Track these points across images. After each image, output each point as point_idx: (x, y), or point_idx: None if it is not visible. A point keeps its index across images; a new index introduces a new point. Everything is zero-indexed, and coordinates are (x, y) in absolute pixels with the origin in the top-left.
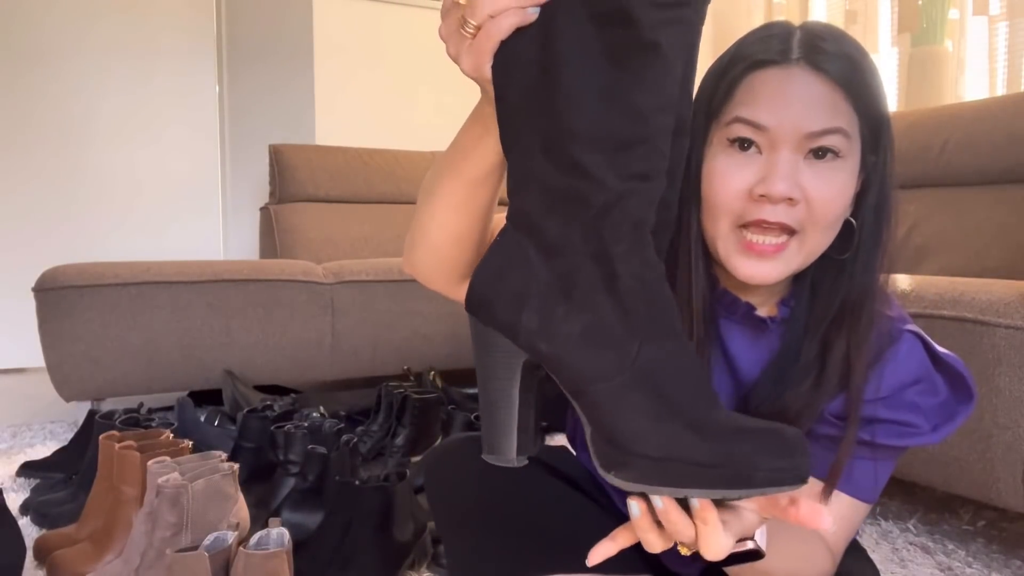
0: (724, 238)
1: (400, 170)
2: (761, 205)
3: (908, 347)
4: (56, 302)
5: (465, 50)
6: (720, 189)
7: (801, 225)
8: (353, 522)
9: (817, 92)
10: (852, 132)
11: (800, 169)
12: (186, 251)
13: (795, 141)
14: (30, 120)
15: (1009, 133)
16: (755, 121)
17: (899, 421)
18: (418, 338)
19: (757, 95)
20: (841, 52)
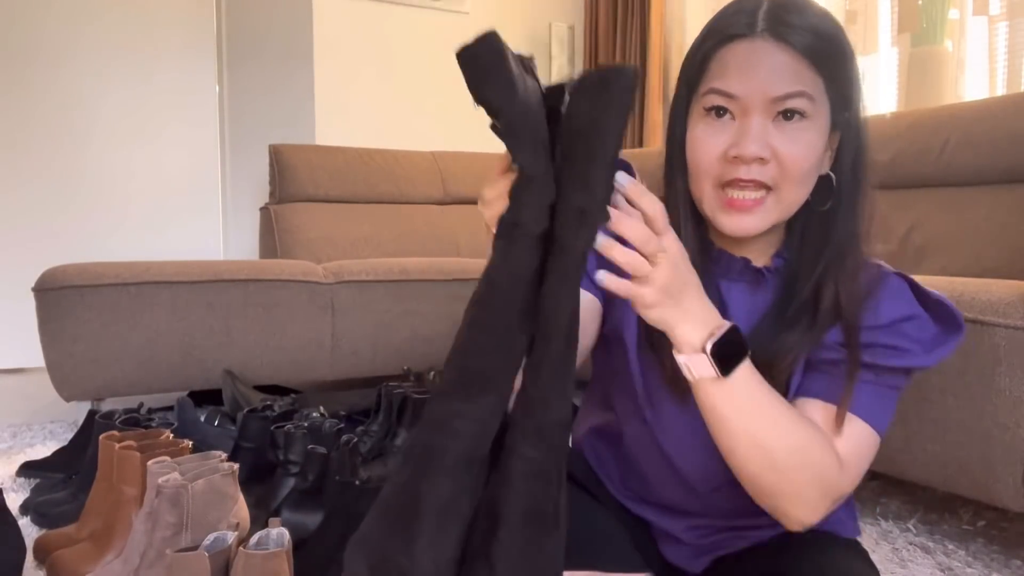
0: (708, 198)
1: (400, 170)
2: (736, 165)
3: (898, 284)
4: (56, 302)
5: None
6: (700, 154)
7: (775, 181)
8: (353, 522)
9: (781, 60)
10: (817, 95)
11: (769, 131)
12: (186, 251)
13: (763, 106)
14: (30, 120)
15: (1009, 133)
16: (726, 90)
17: (896, 346)
18: (418, 338)
19: (727, 67)
20: (805, 24)
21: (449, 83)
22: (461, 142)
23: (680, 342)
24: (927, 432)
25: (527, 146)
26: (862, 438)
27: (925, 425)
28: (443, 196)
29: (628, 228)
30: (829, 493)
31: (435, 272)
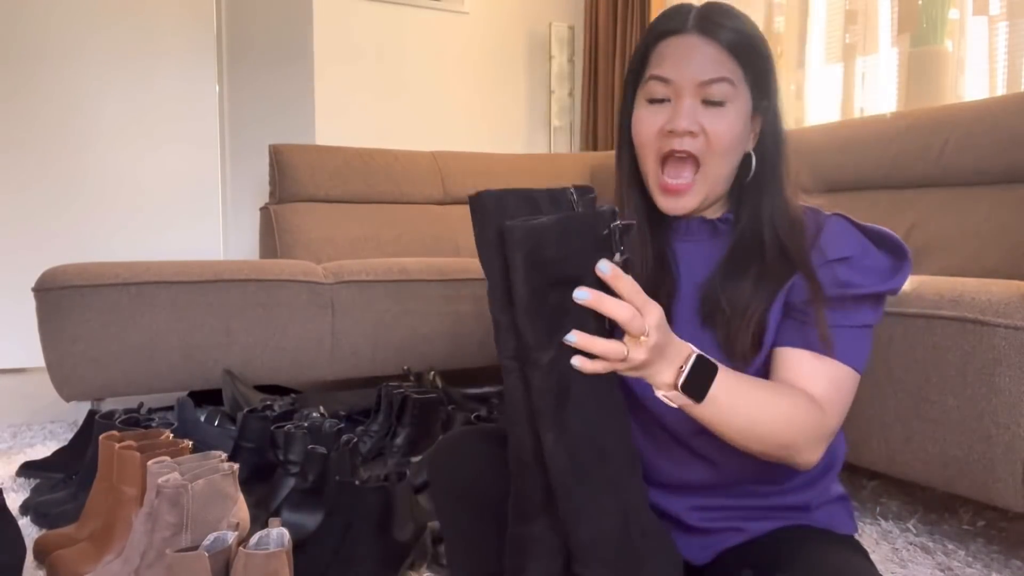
0: (651, 175)
1: (400, 170)
2: (671, 139)
3: (840, 224)
4: (56, 302)
5: None
6: (643, 130)
7: (702, 153)
8: (353, 522)
9: (708, 52)
10: (738, 82)
11: (699, 111)
12: (186, 251)
13: (692, 89)
14: (31, 121)
15: (1009, 133)
16: (663, 76)
17: (853, 280)
18: (418, 338)
19: (664, 57)
20: (729, 24)
21: (449, 83)
22: (461, 142)
23: (655, 384)
24: (927, 432)
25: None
26: (840, 379)
27: (925, 425)
28: (443, 196)
29: (615, 309)
30: (820, 436)
31: (435, 272)
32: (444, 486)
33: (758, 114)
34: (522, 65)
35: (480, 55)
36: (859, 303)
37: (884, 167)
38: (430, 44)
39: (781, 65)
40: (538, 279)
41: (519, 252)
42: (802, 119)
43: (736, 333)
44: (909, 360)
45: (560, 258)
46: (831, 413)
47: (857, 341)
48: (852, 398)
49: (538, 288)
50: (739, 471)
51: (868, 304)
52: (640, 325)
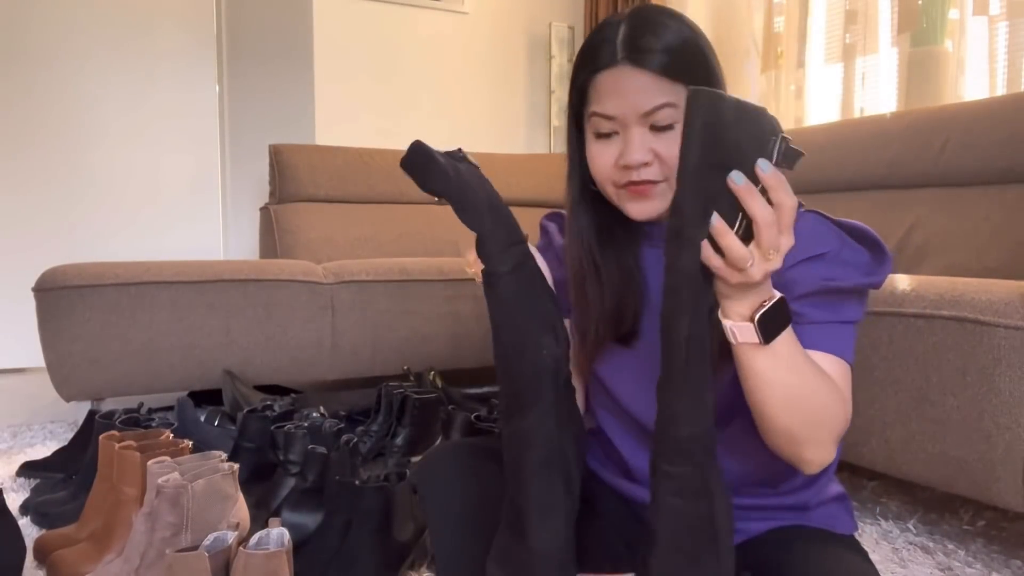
0: (616, 196)
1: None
2: (627, 172)
3: (813, 220)
4: (56, 302)
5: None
6: (598, 167)
7: (664, 175)
8: (353, 522)
9: (643, 82)
10: (680, 101)
11: (648, 138)
12: (186, 251)
13: (636, 120)
14: (30, 121)
15: (1009, 133)
16: (604, 113)
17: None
18: (418, 338)
19: (601, 93)
20: (658, 46)
21: (449, 83)
22: (461, 142)
23: (730, 311)
24: (927, 432)
25: (468, 213)
26: (843, 374)
27: (925, 425)
28: None
29: (758, 208)
30: (837, 433)
31: (435, 272)
32: (431, 502)
33: None
34: (522, 65)
35: (480, 55)
36: (843, 298)
37: (884, 167)
38: (430, 44)
39: (781, 65)
40: (709, 152)
41: (700, 119)
42: (802, 119)
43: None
44: (909, 360)
45: (732, 140)
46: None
47: (846, 336)
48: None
49: (706, 160)
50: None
51: (852, 300)
52: (774, 237)
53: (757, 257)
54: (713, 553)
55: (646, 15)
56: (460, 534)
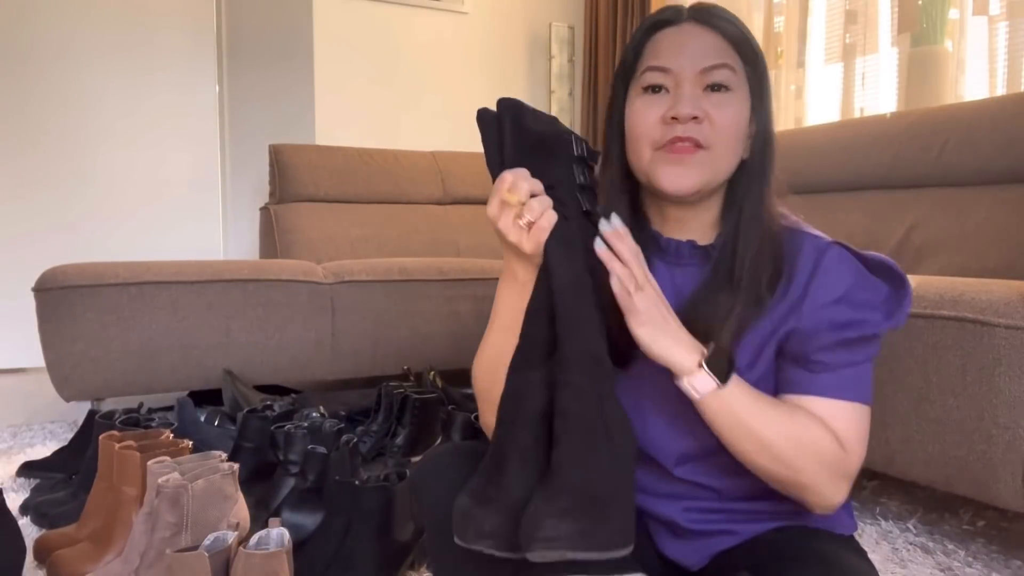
0: (651, 159)
1: (400, 170)
2: (673, 126)
3: (838, 255)
4: (56, 302)
5: (527, 238)
6: (640, 121)
7: (708, 141)
8: (353, 522)
9: (707, 39)
10: (739, 70)
11: (700, 98)
12: (186, 251)
13: (693, 77)
14: (30, 121)
15: (1009, 133)
16: (660, 65)
17: (855, 319)
18: (418, 338)
19: (659, 48)
20: (728, 18)
21: (449, 83)
22: (461, 142)
23: (679, 368)
24: (927, 432)
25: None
26: (856, 418)
27: (925, 425)
28: (443, 196)
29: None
30: (838, 471)
31: (435, 272)
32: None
33: (752, 118)
34: (522, 65)
35: (480, 55)
36: (863, 341)
37: (884, 167)
38: (430, 44)
39: (781, 65)
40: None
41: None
42: (802, 119)
43: None
44: (909, 360)
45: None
46: (852, 451)
47: (864, 375)
48: (868, 431)
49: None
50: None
51: (871, 339)
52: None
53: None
54: (607, 447)
55: (714, 3)
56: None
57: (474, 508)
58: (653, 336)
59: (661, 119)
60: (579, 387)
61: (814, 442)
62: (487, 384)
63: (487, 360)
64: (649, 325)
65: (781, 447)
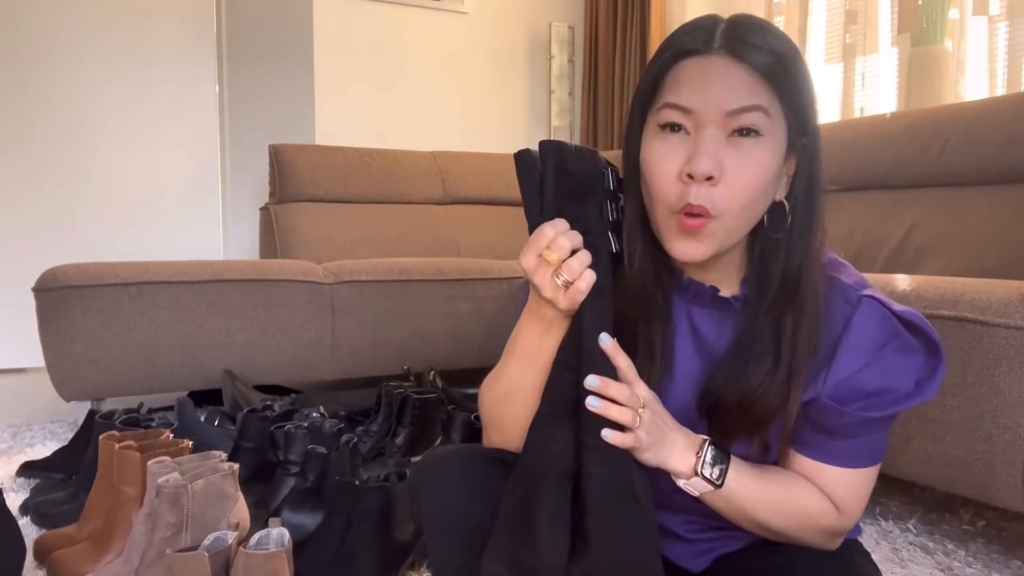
0: (663, 222)
1: (400, 170)
2: (687, 187)
3: (869, 310)
4: (56, 302)
5: (563, 296)
6: (656, 174)
7: (718, 209)
8: (353, 522)
9: (737, 76)
10: (773, 112)
11: (723, 147)
12: (186, 251)
13: (718, 120)
14: (30, 121)
15: (1009, 133)
16: (681, 104)
17: (885, 388)
18: (418, 338)
19: (681, 82)
20: (762, 43)
21: (449, 83)
22: (461, 142)
23: (675, 473)
24: (927, 432)
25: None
26: (863, 483)
27: (925, 425)
28: (443, 196)
29: (615, 391)
30: (834, 533)
31: (435, 272)
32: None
33: (792, 154)
34: (522, 65)
35: (480, 55)
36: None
37: (884, 167)
38: (430, 44)
39: None
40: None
41: (550, 159)
42: None
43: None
44: None
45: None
46: (850, 515)
47: (883, 438)
48: (873, 486)
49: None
50: None
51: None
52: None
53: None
54: (636, 509)
55: (749, 17)
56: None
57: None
58: (653, 453)
59: (678, 175)
60: (605, 450)
61: (812, 518)
62: (496, 412)
63: (501, 390)
64: (651, 449)
65: (779, 526)
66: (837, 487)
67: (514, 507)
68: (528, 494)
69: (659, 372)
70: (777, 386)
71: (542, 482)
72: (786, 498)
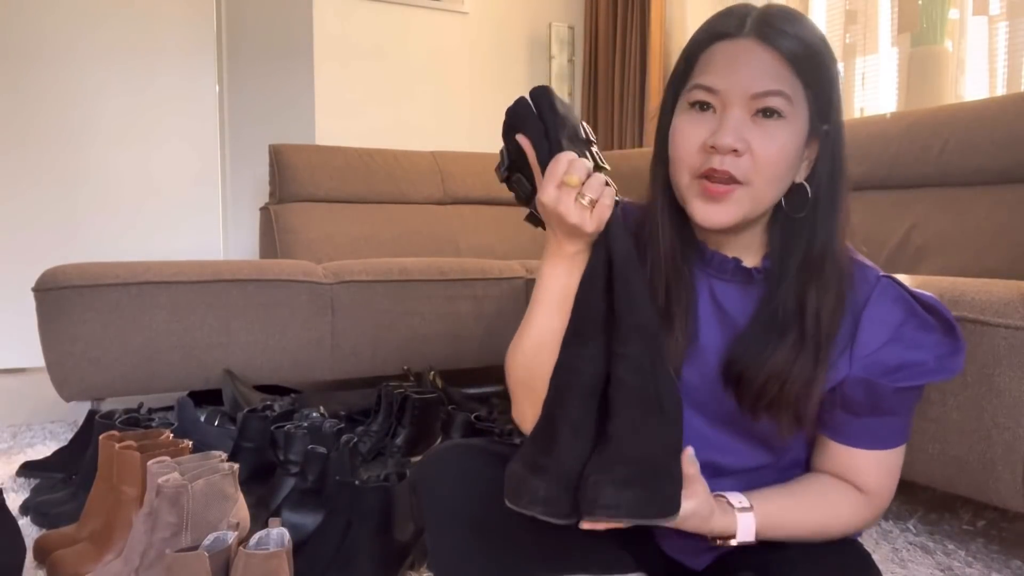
0: (686, 187)
1: (400, 170)
2: (712, 156)
3: (887, 290)
4: (56, 302)
5: (590, 217)
6: (681, 144)
7: (747, 176)
8: (353, 522)
9: (764, 60)
10: (796, 98)
11: (747, 126)
12: (186, 251)
13: (743, 101)
14: (31, 121)
15: (1009, 133)
16: (709, 85)
17: (908, 363)
18: (418, 338)
19: (712, 64)
20: (792, 32)
21: (449, 83)
22: (461, 142)
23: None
24: (927, 432)
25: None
26: (893, 465)
27: (925, 425)
28: (443, 196)
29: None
30: (865, 523)
31: (435, 272)
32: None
33: (815, 138)
34: (522, 65)
35: (480, 55)
36: (914, 391)
37: (884, 167)
38: (430, 44)
39: None
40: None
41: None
42: None
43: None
44: None
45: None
46: (881, 497)
47: (908, 418)
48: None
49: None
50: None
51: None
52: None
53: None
54: (662, 417)
55: (783, 6)
56: (457, 534)
57: (527, 475)
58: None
59: (702, 146)
60: (636, 359)
61: (843, 519)
62: (527, 371)
63: (531, 343)
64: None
65: (811, 534)
66: (869, 471)
67: (540, 421)
68: (552, 408)
69: (684, 342)
70: (804, 360)
71: (565, 396)
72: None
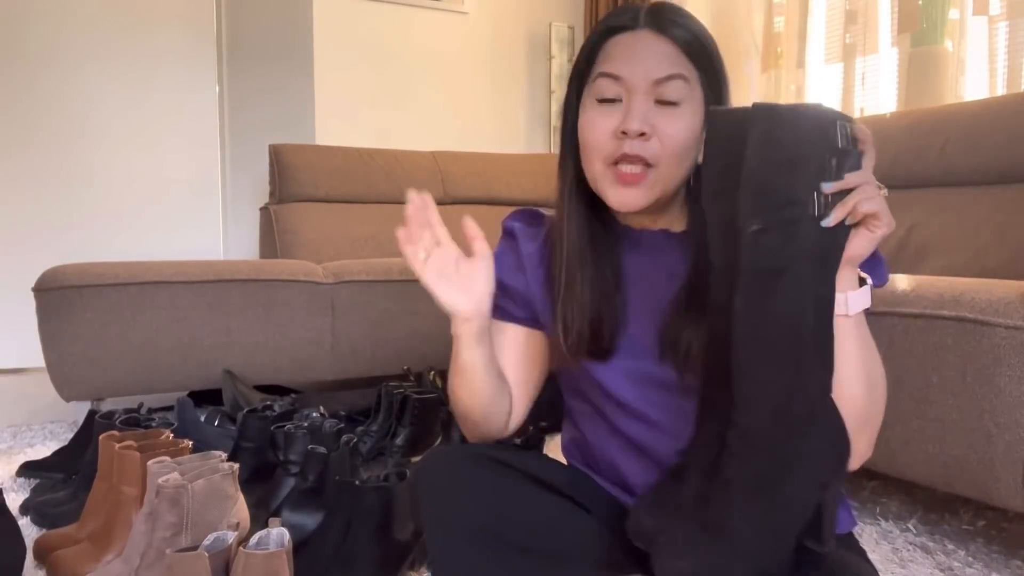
0: (600, 175)
1: (400, 170)
2: (622, 141)
3: None
4: (56, 302)
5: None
6: (592, 133)
7: (656, 158)
8: (353, 522)
9: (661, 49)
10: (692, 82)
11: (652, 111)
12: (186, 251)
13: (645, 87)
14: (31, 121)
15: (1009, 133)
16: (613, 73)
17: None
18: (418, 338)
19: (613, 54)
20: (682, 23)
21: (449, 83)
22: (461, 142)
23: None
24: (927, 432)
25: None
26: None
27: (925, 425)
28: (443, 196)
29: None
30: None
31: None
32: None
33: None
34: (522, 65)
35: (480, 55)
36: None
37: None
38: (430, 44)
39: (781, 65)
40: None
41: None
42: None
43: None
44: (909, 360)
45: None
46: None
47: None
48: None
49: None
50: None
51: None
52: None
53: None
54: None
55: (671, 4)
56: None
57: None
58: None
59: (612, 133)
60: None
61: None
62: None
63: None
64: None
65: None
66: None
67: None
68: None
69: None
70: None
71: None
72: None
